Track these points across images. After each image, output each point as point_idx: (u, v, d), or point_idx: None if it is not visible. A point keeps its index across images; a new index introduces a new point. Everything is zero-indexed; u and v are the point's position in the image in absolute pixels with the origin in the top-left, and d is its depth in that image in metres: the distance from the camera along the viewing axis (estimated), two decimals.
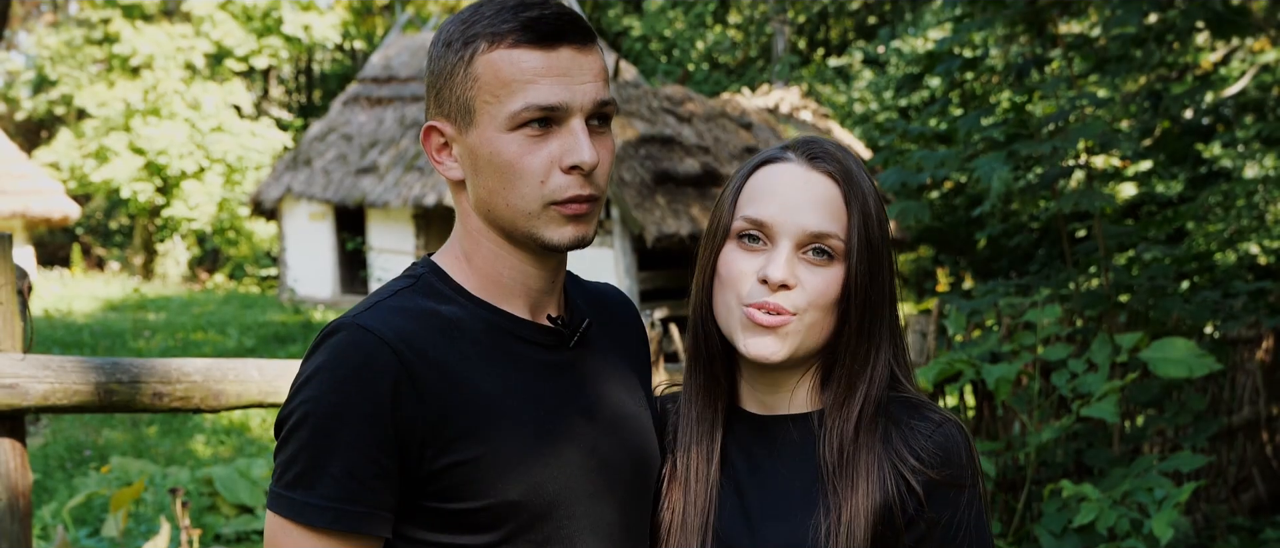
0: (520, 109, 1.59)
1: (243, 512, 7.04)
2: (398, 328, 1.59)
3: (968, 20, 6.31)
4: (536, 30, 1.59)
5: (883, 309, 1.74)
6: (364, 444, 1.54)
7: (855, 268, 1.69)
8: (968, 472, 1.70)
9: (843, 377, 1.73)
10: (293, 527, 1.56)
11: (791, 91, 18.47)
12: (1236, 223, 10.22)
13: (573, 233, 1.64)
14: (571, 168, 1.60)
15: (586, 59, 1.63)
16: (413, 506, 1.61)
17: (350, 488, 1.54)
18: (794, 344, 1.70)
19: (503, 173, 1.62)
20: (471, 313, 1.68)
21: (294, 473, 1.55)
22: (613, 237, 14.45)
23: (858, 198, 1.71)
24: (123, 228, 29.13)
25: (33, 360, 2.85)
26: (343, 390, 1.55)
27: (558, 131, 1.61)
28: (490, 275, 1.70)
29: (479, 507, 1.60)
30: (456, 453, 1.59)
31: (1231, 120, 8.68)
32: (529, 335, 1.70)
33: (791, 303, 1.68)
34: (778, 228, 1.69)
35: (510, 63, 1.59)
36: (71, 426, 10.31)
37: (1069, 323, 5.62)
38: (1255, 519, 6.46)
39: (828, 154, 1.73)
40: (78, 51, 27.00)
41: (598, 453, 1.71)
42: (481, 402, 1.62)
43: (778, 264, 1.67)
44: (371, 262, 19.66)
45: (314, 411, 1.55)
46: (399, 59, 21.29)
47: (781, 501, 1.72)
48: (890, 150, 6.42)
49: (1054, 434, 4.30)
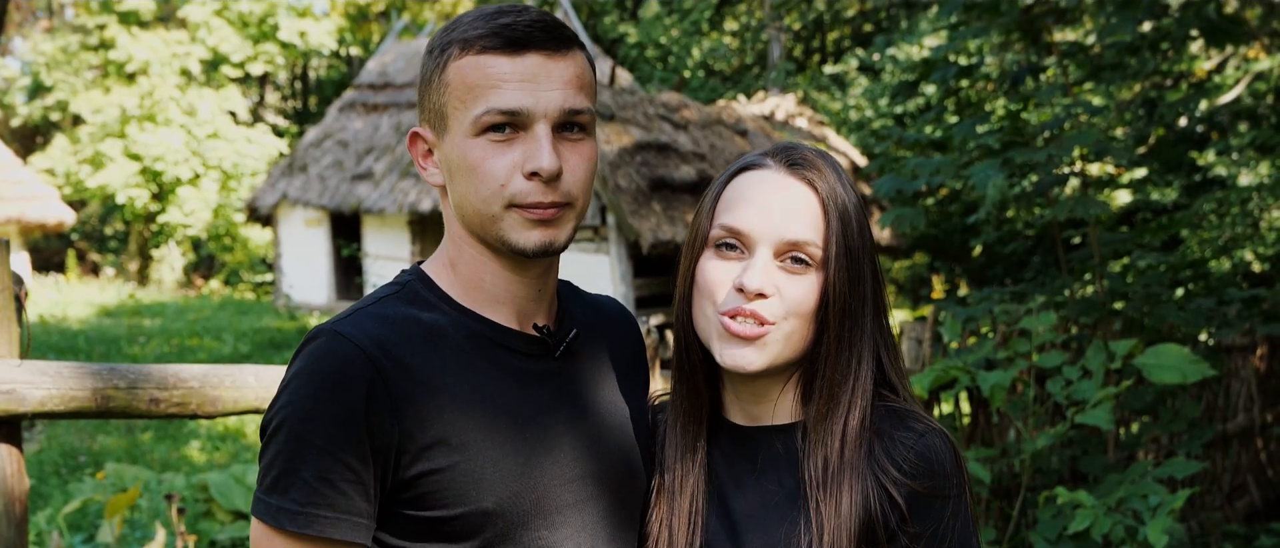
0: (482, 113, 1.60)
1: (238, 518, 7.03)
2: (374, 335, 1.60)
3: (963, 28, 6.32)
4: (504, 36, 1.60)
5: (864, 318, 1.71)
6: (337, 450, 1.54)
7: (834, 276, 1.67)
8: (952, 482, 1.66)
9: (824, 388, 1.70)
10: (269, 531, 1.57)
11: (787, 99, 18.50)
12: (1231, 230, 10.25)
13: (539, 237, 1.63)
14: (531, 174, 1.60)
15: (556, 66, 1.62)
16: (390, 513, 1.61)
17: (322, 493, 1.54)
18: (772, 354, 1.67)
19: (468, 176, 1.62)
20: (454, 321, 1.68)
21: (272, 477, 1.57)
22: (608, 243, 14.46)
23: (837, 205, 1.68)
24: (118, 234, 29.09)
25: (30, 366, 2.85)
26: (317, 397, 1.56)
27: (523, 137, 1.61)
28: (474, 283, 1.70)
29: (453, 515, 1.60)
30: (430, 461, 1.59)
31: (1226, 128, 8.70)
32: (512, 344, 1.70)
33: (769, 311, 1.66)
34: (755, 236, 1.67)
35: (476, 69, 1.61)
36: (66, 431, 10.30)
37: (1064, 330, 5.63)
38: (1250, 526, 6.47)
39: (806, 161, 1.71)
40: (73, 57, 26.97)
41: (581, 463, 1.70)
42: (457, 410, 1.61)
43: (754, 273, 1.65)
44: (367, 268, 19.65)
45: (290, 416, 1.56)
46: (395, 66, 21.30)
47: (766, 514, 1.70)
48: (886, 157, 6.44)
49: (1048, 441, 4.30)
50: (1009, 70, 6.76)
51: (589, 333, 1.82)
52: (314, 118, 30.84)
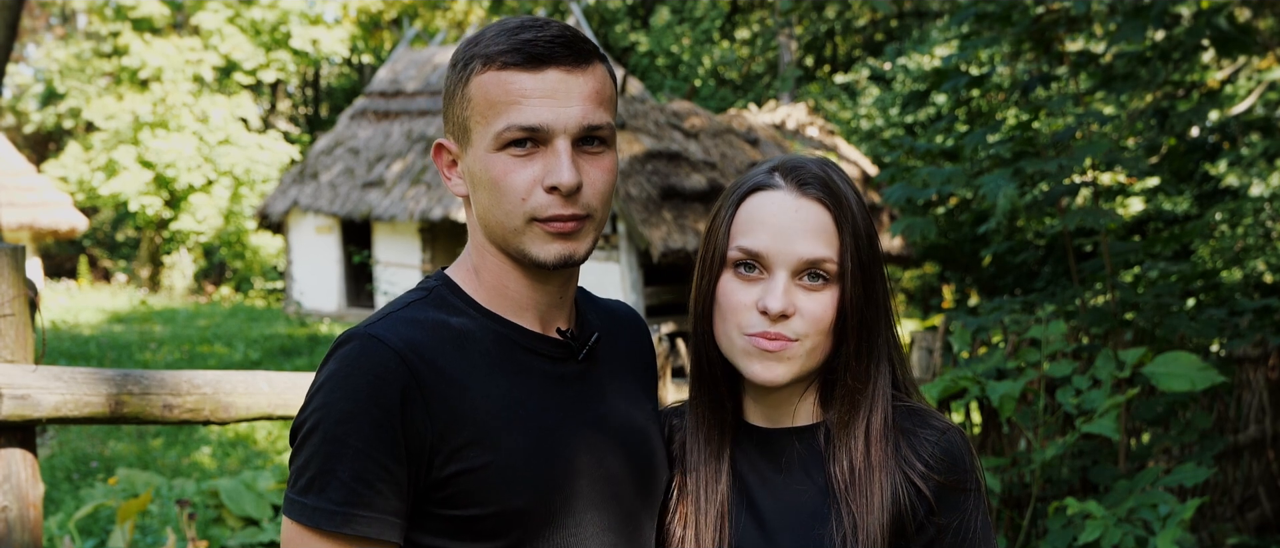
0: (503, 129, 1.63)
1: (249, 524, 7.04)
2: (408, 338, 1.63)
3: (974, 37, 6.32)
4: (525, 52, 1.63)
5: (879, 325, 1.78)
6: (373, 451, 1.57)
7: (850, 289, 1.73)
8: (972, 476, 1.75)
9: (845, 395, 1.77)
10: (305, 532, 1.59)
11: (798, 108, 18.48)
12: (1243, 240, 10.22)
13: (559, 250, 1.67)
14: (551, 188, 1.63)
15: (576, 81, 1.65)
16: (422, 512, 1.64)
17: (359, 493, 1.57)
18: (797, 368, 1.74)
19: (490, 190, 1.66)
20: (481, 325, 1.71)
21: (306, 478, 1.59)
22: (619, 251, 14.46)
23: (848, 219, 1.74)
24: (130, 240, 29.19)
25: (44, 372, 2.87)
26: (353, 398, 1.58)
27: (543, 152, 1.64)
28: (497, 289, 1.74)
29: (486, 514, 1.63)
30: (464, 461, 1.62)
31: (1237, 138, 8.68)
32: (537, 347, 1.74)
33: (792, 330, 1.72)
34: (773, 258, 1.73)
35: (498, 84, 1.63)
36: (78, 437, 10.33)
37: (1074, 340, 5.62)
38: (1261, 538, 6.45)
39: (815, 179, 1.76)
40: (87, 64, 27.10)
41: (604, 464, 1.74)
42: (489, 411, 1.65)
43: (775, 295, 1.71)
44: (377, 275, 19.69)
45: (325, 417, 1.59)
46: (406, 74, 21.35)
47: (794, 513, 1.76)
48: (896, 167, 6.43)
49: (1058, 451, 4.30)
50: (1020, 80, 6.76)
51: (606, 337, 1.85)
52: (325, 125, 30.91)
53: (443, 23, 28.67)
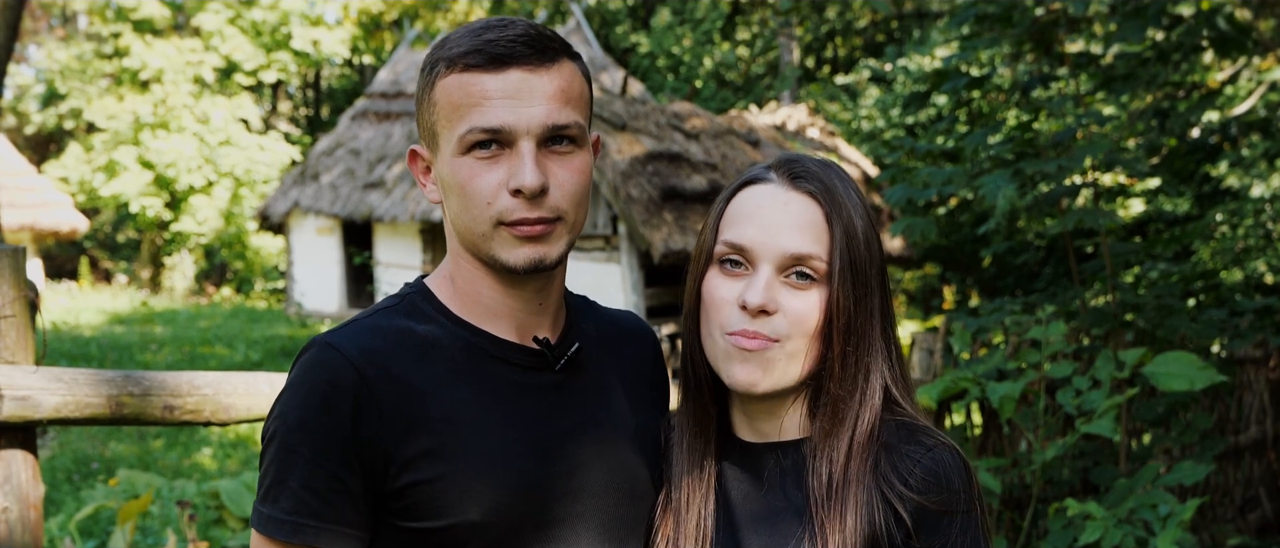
0: (466, 132, 1.59)
1: (249, 525, 7.05)
2: (365, 347, 1.60)
3: (975, 38, 6.32)
4: (486, 52, 1.58)
5: (872, 334, 1.67)
6: (323, 460, 1.55)
7: (837, 290, 1.63)
8: (961, 497, 1.62)
9: (829, 405, 1.66)
10: (263, 540, 1.59)
11: (799, 109, 18.49)
12: (1243, 241, 10.22)
13: (528, 254, 1.62)
14: (515, 191, 1.59)
15: (540, 80, 1.60)
16: (381, 523, 1.62)
17: (307, 502, 1.56)
18: (778, 373, 1.64)
19: (459, 195, 1.62)
20: (450, 333, 1.67)
21: (264, 486, 1.59)
22: (619, 253, 14.47)
23: (841, 217, 1.65)
24: (130, 241, 29.20)
25: (45, 373, 2.87)
26: (306, 407, 1.57)
27: (508, 154, 1.59)
28: (471, 296, 1.69)
29: (440, 527, 1.60)
30: (418, 472, 1.59)
31: (1237, 139, 8.68)
32: (509, 356, 1.69)
33: (773, 329, 1.63)
34: (757, 252, 1.64)
35: (460, 87, 1.60)
36: (78, 438, 10.33)
37: (1075, 341, 5.62)
38: (1262, 539, 6.45)
39: (809, 173, 1.67)
40: (88, 65, 27.12)
41: (579, 477, 1.68)
42: (446, 422, 1.61)
43: (756, 289, 1.62)
44: (378, 276, 19.70)
45: (281, 427, 1.58)
46: (406, 74, 21.36)
47: (773, 531, 1.67)
48: (897, 168, 6.42)
49: (1058, 452, 4.29)
50: (1020, 81, 6.75)
51: (600, 348, 1.79)
52: (326, 126, 30.92)
53: (443, 24, 28.69)
